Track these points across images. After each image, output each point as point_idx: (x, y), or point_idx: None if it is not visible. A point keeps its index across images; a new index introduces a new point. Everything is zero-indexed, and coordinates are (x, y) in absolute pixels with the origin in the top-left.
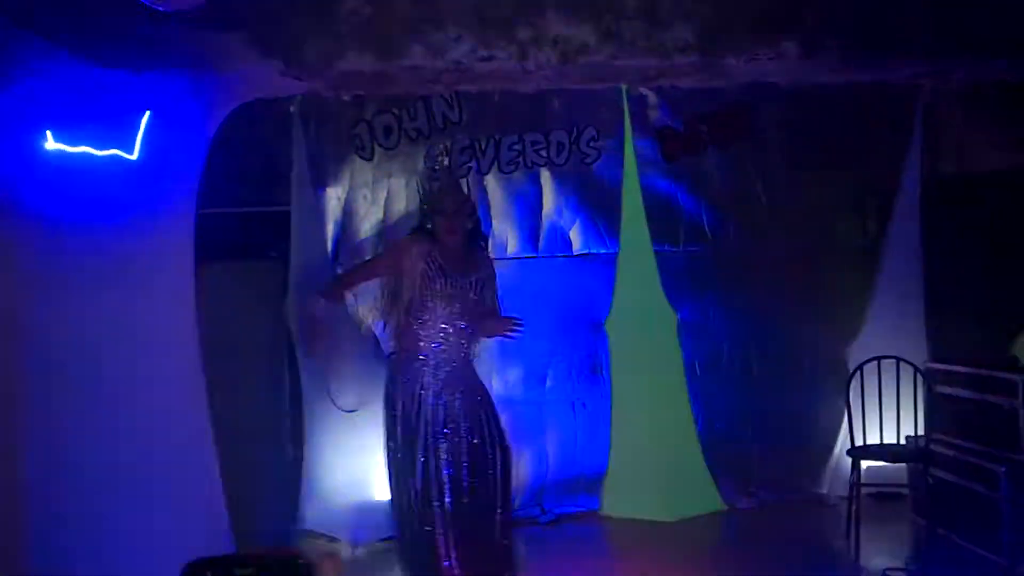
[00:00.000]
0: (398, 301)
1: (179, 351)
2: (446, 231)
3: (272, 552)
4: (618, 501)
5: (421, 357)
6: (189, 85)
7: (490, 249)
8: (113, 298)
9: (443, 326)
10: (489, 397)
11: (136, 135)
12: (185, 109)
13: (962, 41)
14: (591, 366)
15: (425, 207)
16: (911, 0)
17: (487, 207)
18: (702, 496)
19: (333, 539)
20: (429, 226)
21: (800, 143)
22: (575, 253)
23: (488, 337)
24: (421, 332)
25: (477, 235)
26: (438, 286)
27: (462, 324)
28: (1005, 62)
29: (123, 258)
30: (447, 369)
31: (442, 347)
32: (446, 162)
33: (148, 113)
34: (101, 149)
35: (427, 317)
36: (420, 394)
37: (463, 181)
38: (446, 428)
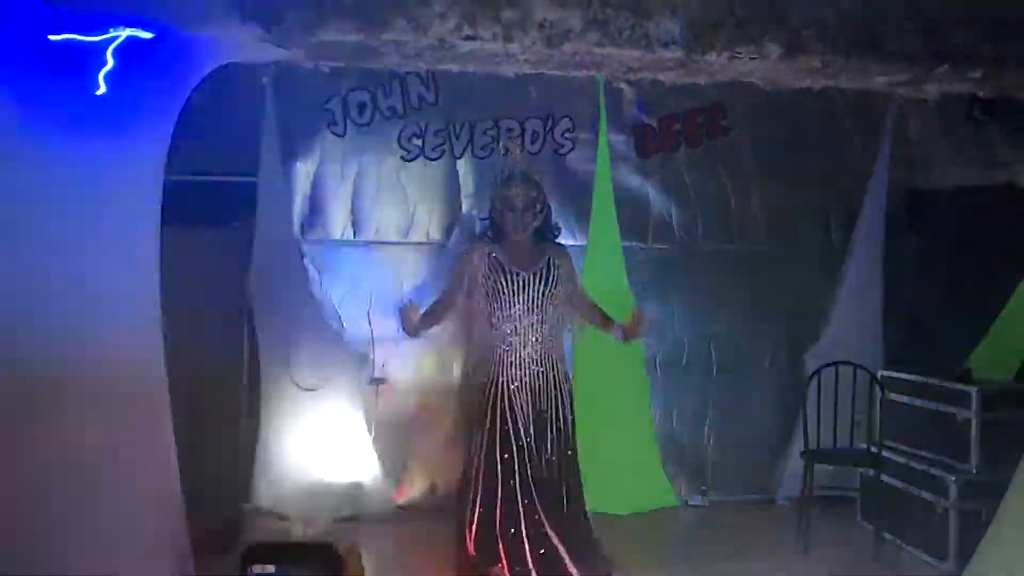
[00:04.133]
0: (474, 307)
1: (140, 319)
2: (513, 228)
3: (310, 543)
4: None
5: (500, 356)
6: (166, 45)
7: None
8: (77, 261)
9: (513, 323)
10: (567, 398)
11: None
12: (160, 70)
13: (940, 51)
14: None
15: (495, 203)
16: (894, 7)
17: (459, 190)
18: (656, 491)
19: (284, 518)
20: (498, 221)
21: (772, 146)
22: None
23: (624, 339)
24: (494, 331)
25: (547, 227)
26: (500, 284)
27: (533, 319)
28: (979, 76)
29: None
30: (523, 365)
31: (521, 343)
32: (517, 153)
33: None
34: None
35: (497, 316)
36: (495, 394)
37: (533, 173)
38: (518, 434)
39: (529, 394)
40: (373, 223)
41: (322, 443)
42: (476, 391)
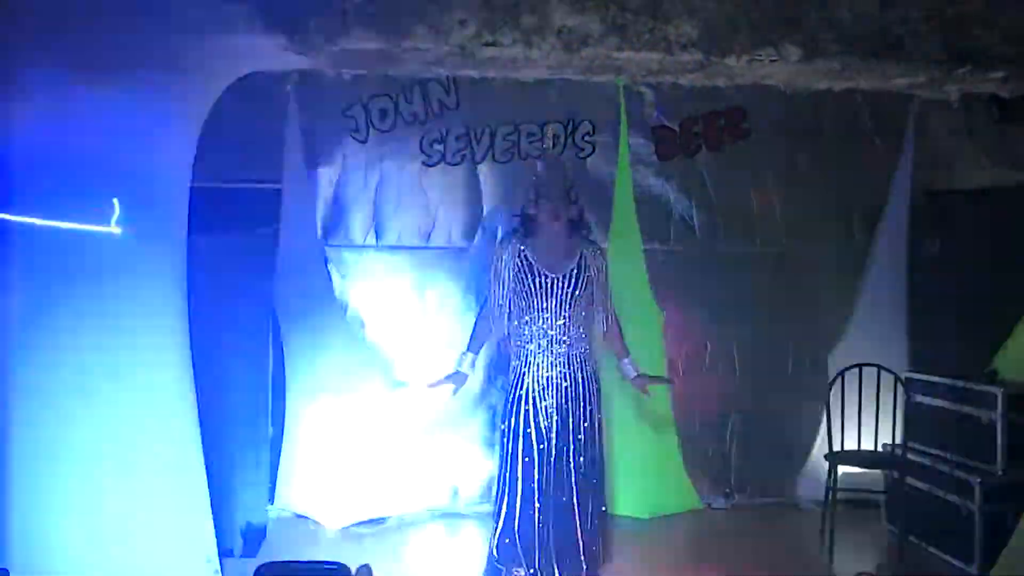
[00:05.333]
0: (505, 306)
1: (167, 324)
2: (549, 217)
3: (322, 564)
4: None
5: (526, 356)
6: (191, 54)
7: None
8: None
9: (546, 322)
10: (595, 399)
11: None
12: (185, 78)
13: (960, 53)
14: None
15: (531, 192)
16: (914, 8)
17: (480, 195)
18: (679, 495)
19: (305, 519)
20: (532, 212)
21: (793, 148)
22: None
23: (631, 379)
24: (523, 332)
25: (580, 225)
26: (529, 285)
27: (561, 321)
28: (1000, 77)
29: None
30: (549, 367)
31: (547, 344)
32: (552, 144)
33: None
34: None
35: (528, 315)
36: (520, 396)
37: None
38: (541, 436)
39: (555, 396)
40: (395, 228)
41: (346, 447)
42: (503, 392)
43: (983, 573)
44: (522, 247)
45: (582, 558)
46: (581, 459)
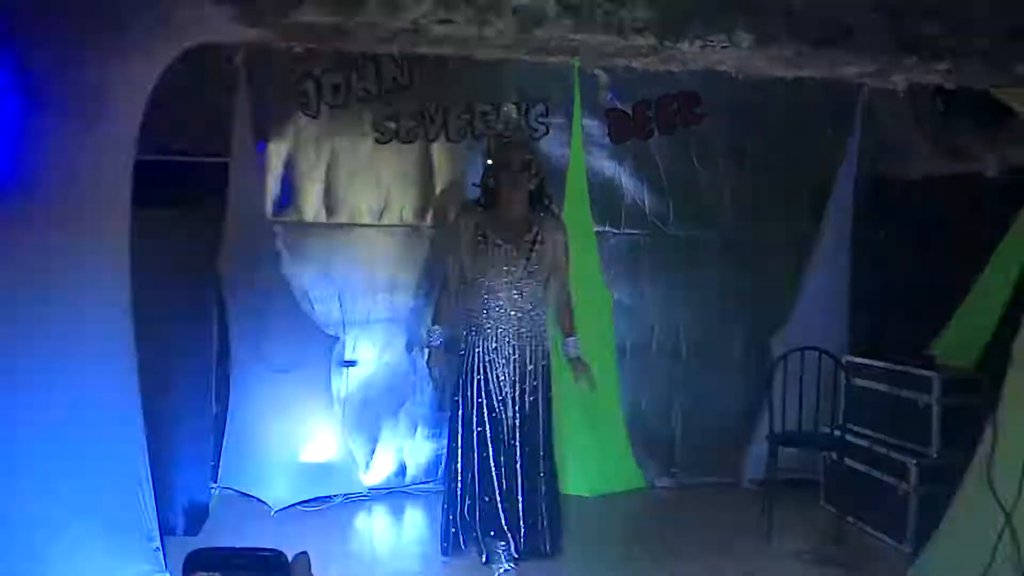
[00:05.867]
0: (461, 276)
1: (110, 299)
2: (509, 187)
3: (257, 550)
4: None
5: (478, 327)
6: (136, 25)
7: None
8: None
9: (499, 294)
10: (545, 375)
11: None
12: (130, 50)
13: (907, 44)
14: None
15: (490, 163)
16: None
17: (433, 174)
18: (624, 474)
19: (249, 498)
20: (491, 184)
21: (744, 134)
22: None
23: (569, 359)
24: (476, 302)
25: (540, 196)
26: (481, 254)
27: (513, 292)
28: (944, 69)
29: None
30: (500, 338)
31: (499, 316)
32: (515, 116)
33: None
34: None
35: (481, 286)
36: (472, 366)
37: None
38: (492, 407)
39: (505, 367)
40: (346, 205)
41: (292, 425)
42: (454, 359)
43: (917, 551)
44: (479, 218)
45: (544, 534)
46: (531, 432)
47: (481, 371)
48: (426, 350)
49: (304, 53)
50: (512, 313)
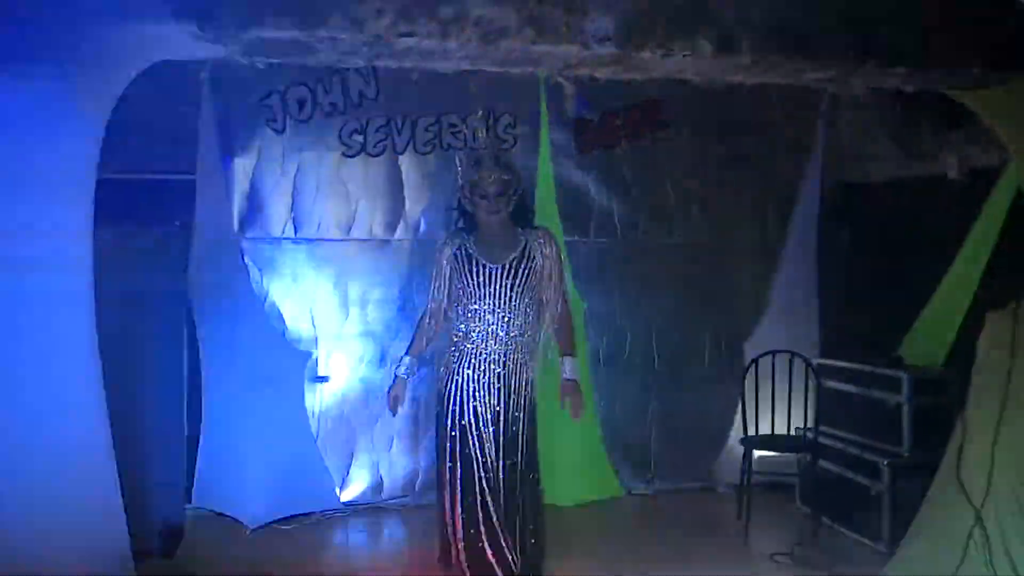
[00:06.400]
0: (448, 301)
1: (74, 320)
2: (487, 212)
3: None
4: None
5: (461, 352)
6: (96, 43)
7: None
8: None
9: (485, 317)
10: (528, 406)
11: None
12: (91, 68)
13: (865, 49)
14: None
15: (463, 187)
16: (822, 6)
17: (402, 186)
18: (601, 481)
19: (224, 517)
20: (468, 207)
21: (709, 140)
22: None
23: (565, 382)
24: (461, 326)
25: (523, 213)
26: (465, 276)
27: (498, 315)
28: (903, 73)
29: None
30: (485, 364)
31: (484, 341)
32: (484, 134)
33: None
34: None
35: (466, 310)
36: (452, 393)
37: (506, 155)
38: (472, 437)
39: (486, 395)
40: (314, 220)
41: (266, 442)
42: (436, 383)
43: (891, 550)
44: (464, 240)
45: (526, 558)
46: (513, 464)
47: (462, 399)
48: (394, 376)
49: (269, 68)
50: (500, 337)
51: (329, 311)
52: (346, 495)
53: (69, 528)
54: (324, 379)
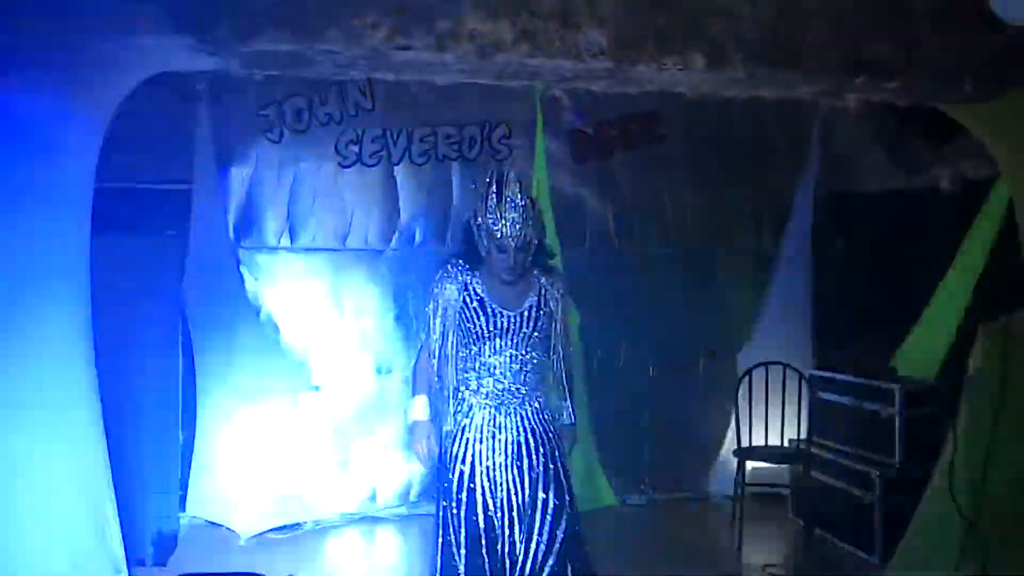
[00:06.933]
0: (448, 349)
1: (71, 328)
2: (502, 267)
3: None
4: None
5: (468, 409)
6: (95, 54)
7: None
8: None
9: (493, 370)
10: (561, 469)
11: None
12: (89, 78)
13: (857, 63)
14: None
15: (478, 223)
16: (813, 21)
17: (397, 197)
18: (595, 491)
19: (218, 526)
20: (481, 251)
21: (704, 153)
22: None
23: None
24: (470, 379)
25: (539, 249)
26: (479, 324)
27: (516, 366)
28: (894, 87)
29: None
30: (499, 421)
31: (493, 397)
32: (511, 178)
33: None
34: None
35: (475, 361)
36: (466, 440)
37: (529, 203)
38: (493, 485)
39: (508, 461)
40: (310, 230)
41: (260, 452)
42: (444, 439)
43: (883, 562)
44: (470, 279)
45: None
46: (549, 530)
47: (475, 463)
48: (412, 424)
49: (266, 79)
50: (515, 388)
51: (324, 321)
52: (340, 505)
53: (63, 536)
54: (318, 389)
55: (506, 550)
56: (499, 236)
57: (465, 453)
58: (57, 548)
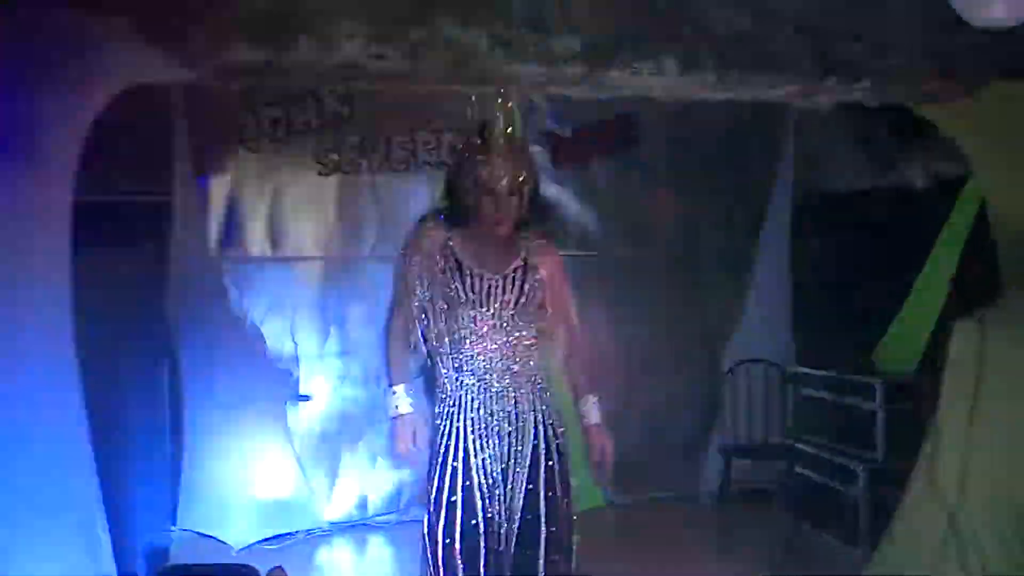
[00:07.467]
0: (422, 318)
1: (53, 344)
2: (493, 219)
3: (229, 567)
4: None
5: (453, 392)
6: (68, 67)
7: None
8: None
9: (475, 344)
10: (557, 442)
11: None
12: (63, 91)
13: (828, 65)
14: None
15: (462, 179)
16: (783, 24)
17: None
18: (582, 493)
19: (209, 538)
20: (465, 204)
21: (680, 155)
22: None
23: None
24: (451, 357)
25: (535, 216)
26: (457, 289)
27: (500, 339)
28: (865, 88)
29: None
30: (488, 405)
31: (479, 375)
32: (509, 107)
33: None
34: None
35: (454, 334)
36: (448, 448)
37: (520, 144)
38: (489, 480)
39: (498, 446)
40: (292, 238)
41: (249, 462)
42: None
43: (868, 554)
44: (448, 237)
45: None
46: (543, 530)
47: (462, 451)
48: (393, 420)
49: (243, 88)
50: (504, 365)
51: (310, 330)
52: (331, 513)
53: (53, 553)
54: (306, 398)
55: (494, 535)
56: (486, 177)
57: (452, 444)
58: (48, 565)
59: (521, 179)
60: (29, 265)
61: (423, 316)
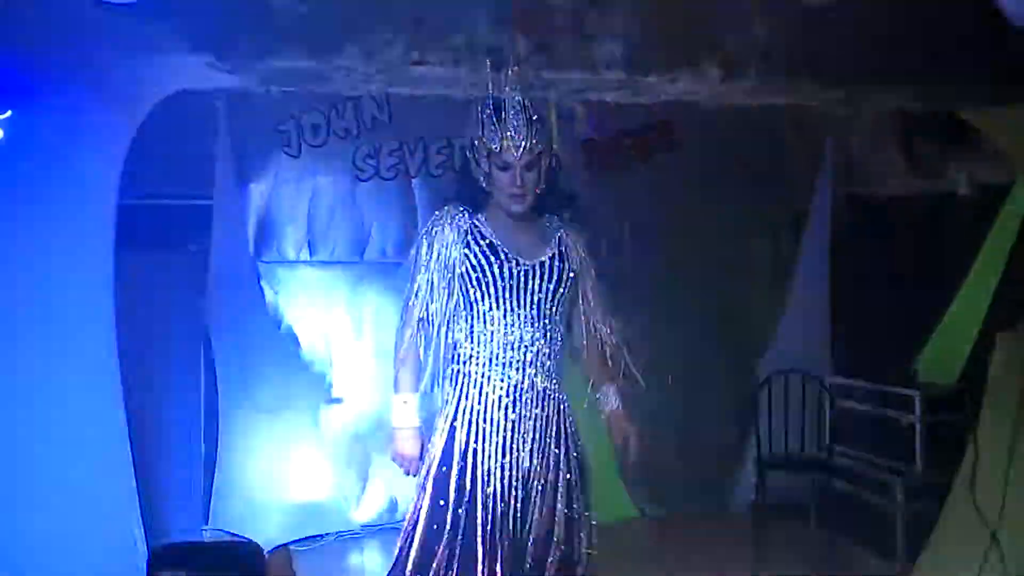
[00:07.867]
0: (442, 309)
1: (95, 343)
2: (509, 193)
3: (224, 543)
4: None
5: (469, 387)
6: (116, 73)
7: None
8: (29, 286)
9: (505, 336)
10: (578, 454)
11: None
12: (110, 97)
13: (870, 72)
14: None
15: (476, 152)
16: (825, 31)
17: (415, 209)
18: (613, 503)
19: (244, 540)
20: (483, 182)
21: (718, 162)
22: None
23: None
24: (471, 349)
25: (555, 198)
26: (489, 274)
27: (536, 333)
28: (910, 94)
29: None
30: (511, 405)
31: (505, 371)
32: (514, 74)
33: None
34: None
35: (478, 324)
36: (458, 450)
37: (536, 116)
38: (508, 492)
39: (518, 450)
40: (329, 243)
41: (281, 464)
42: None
43: (905, 570)
44: (473, 221)
45: None
46: (559, 549)
47: (476, 459)
48: (395, 431)
49: (283, 95)
50: (533, 361)
51: (344, 333)
52: (361, 516)
53: (88, 550)
54: (339, 401)
55: (508, 546)
56: (500, 151)
57: (464, 446)
58: (82, 562)
59: (536, 152)
60: (74, 266)
61: (439, 318)
